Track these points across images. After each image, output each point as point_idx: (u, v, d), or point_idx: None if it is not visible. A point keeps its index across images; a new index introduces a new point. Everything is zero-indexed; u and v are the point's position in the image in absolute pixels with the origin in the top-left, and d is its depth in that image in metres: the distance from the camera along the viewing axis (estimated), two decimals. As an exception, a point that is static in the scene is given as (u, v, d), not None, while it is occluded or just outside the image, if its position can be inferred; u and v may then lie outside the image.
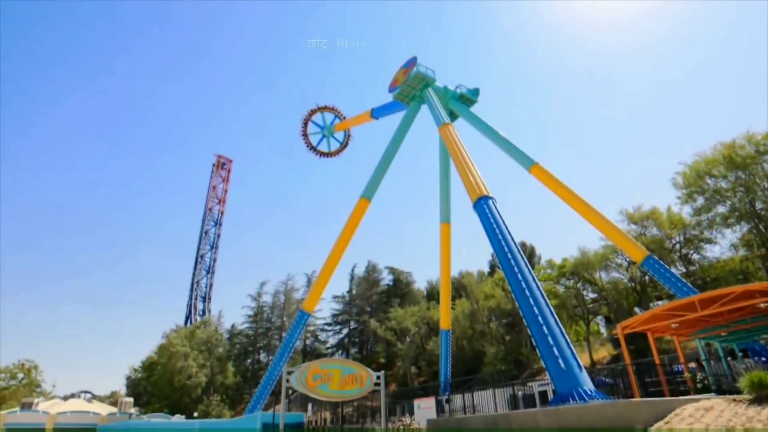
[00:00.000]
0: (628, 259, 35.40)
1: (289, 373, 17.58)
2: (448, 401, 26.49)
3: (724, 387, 15.27)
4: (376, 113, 39.93)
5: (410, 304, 58.48)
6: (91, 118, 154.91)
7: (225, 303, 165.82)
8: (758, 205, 30.65)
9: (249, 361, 68.19)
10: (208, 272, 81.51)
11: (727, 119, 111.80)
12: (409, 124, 35.74)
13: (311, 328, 68.18)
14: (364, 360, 57.33)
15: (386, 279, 70.50)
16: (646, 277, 34.90)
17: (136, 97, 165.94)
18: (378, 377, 18.93)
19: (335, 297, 70.68)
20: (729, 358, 18.37)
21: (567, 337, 15.07)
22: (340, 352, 67.53)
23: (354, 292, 70.22)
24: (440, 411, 25.36)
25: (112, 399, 63.79)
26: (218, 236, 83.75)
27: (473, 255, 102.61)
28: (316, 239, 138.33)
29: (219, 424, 30.54)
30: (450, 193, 37.91)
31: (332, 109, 43.08)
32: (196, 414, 48.79)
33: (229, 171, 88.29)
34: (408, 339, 53.54)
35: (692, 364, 19.16)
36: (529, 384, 23.83)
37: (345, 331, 69.38)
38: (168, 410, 49.99)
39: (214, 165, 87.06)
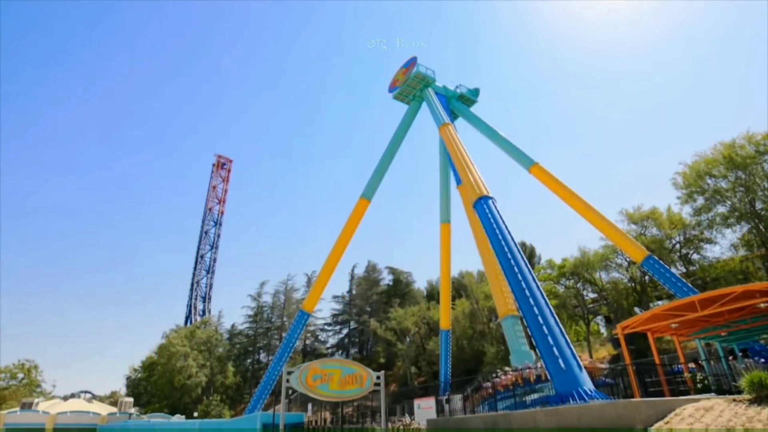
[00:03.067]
0: (628, 259, 35.38)
1: (289, 373, 17.57)
2: (448, 401, 26.48)
3: (724, 387, 15.25)
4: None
5: (410, 304, 58.40)
6: (91, 119, 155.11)
7: (225, 303, 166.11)
8: (758, 205, 30.62)
9: (249, 361, 68.15)
10: (208, 272, 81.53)
11: (727, 119, 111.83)
12: (409, 123, 35.75)
13: (311, 328, 68.14)
14: (364, 360, 57.29)
15: (386, 279, 70.44)
16: (646, 277, 34.87)
17: (136, 97, 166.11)
18: (378, 377, 18.93)
19: (335, 297, 70.56)
20: (731, 358, 18.36)
21: (567, 337, 15.08)
22: (340, 352, 67.48)
23: (354, 292, 70.18)
24: (440, 411, 25.35)
25: (112, 399, 63.91)
26: (218, 236, 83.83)
27: (473, 255, 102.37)
28: (315, 239, 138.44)
29: (219, 424, 30.55)
30: (450, 193, 37.91)
31: None
32: (196, 414, 48.78)
33: (229, 171, 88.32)
34: (408, 339, 53.49)
35: (691, 365, 19.14)
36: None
37: (345, 331, 69.32)
38: (168, 410, 50.01)
39: (214, 165, 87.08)
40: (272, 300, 71.75)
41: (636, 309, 36.12)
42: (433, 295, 61.34)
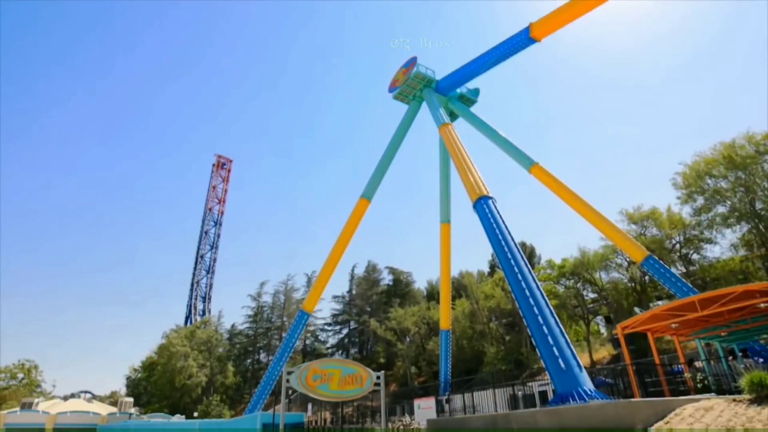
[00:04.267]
0: (628, 259, 35.39)
1: (289, 373, 17.55)
2: (448, 401, 26.50)
3: (724, 387, 15.25)
4: None
5: (410, 304, 58.41)
6: (92, 119, 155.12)
7: (225, 303, 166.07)
8: (758, 205, 30.63)
9: (249, 361, 68.18)
10: (208, 272, 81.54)
11: (727, 119, 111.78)
12: (409, 123, 35.72)
13: (311, 328, 68.15)
14: (364, 360, 57.30)
15: (386, 279, 70.46)
16: (646, 277, 34.88)
17: (136, 97, 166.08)
18: (378, 377, 18.91)
19: (335, 297, 70.62)
20: (730, 358, 18.38)
21: (567, 337, 15.06)
22: (340, 352, 67.48)
23: (354, 292, 70.18)
24: (440, 411, 25.37)
25: (112, 399, 63.83)
26: (218, 236, 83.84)
27: (473, 255, 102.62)
28: (315, 239, 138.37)
29: (219, 424, 30.53)
30: (450, 193, 37.89)
31: None
32: (196, 414, 48.80)
33: (229, 171, 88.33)
34: (408, 339, 53.51)
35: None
36: (529, 384, 23.84)
37: (345, 331, 69.35)
38: (168, 410, 50.00)
39: (214, 165, 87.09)
40: (272, 300, 71.86)
41: (636, 309, 36.12)
42: (433, 295, 61.33)
